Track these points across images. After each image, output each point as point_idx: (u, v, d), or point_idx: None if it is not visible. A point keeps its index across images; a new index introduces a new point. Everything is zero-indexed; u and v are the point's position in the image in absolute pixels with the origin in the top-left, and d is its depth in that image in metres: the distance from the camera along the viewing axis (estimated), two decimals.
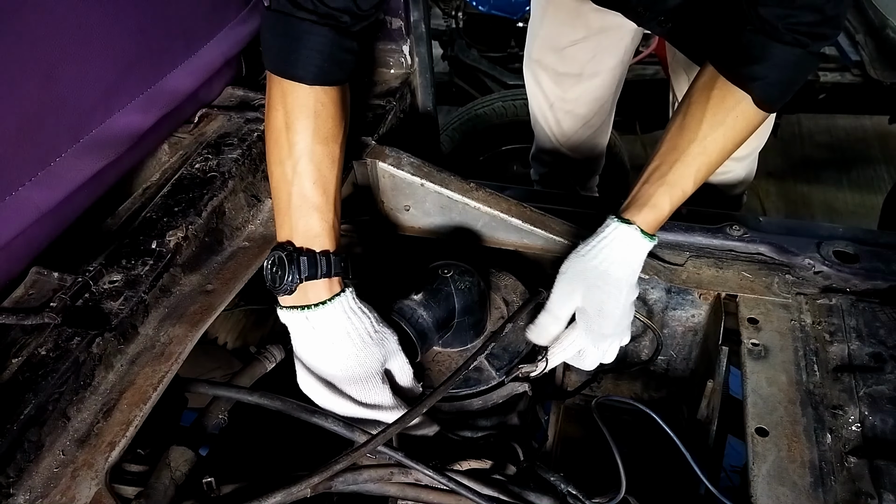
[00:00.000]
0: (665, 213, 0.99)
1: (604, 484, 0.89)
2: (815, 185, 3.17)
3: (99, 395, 0.85)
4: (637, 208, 0.98)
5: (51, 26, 0.91)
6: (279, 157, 0.93)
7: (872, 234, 1.22)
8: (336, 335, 0.91)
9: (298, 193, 0.91)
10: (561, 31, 1.65)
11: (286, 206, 0.92)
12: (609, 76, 1.73)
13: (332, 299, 0.91)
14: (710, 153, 0.99)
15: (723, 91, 0.98)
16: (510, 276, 1.17)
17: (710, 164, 1.00)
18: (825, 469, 0.86)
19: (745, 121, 0.99)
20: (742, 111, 0.98)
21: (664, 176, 0.98)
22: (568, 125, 1.84)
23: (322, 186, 0.92)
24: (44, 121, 0.93)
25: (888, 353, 0.97)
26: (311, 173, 0.91)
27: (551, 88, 1.77)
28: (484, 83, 3.05)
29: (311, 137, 0.92)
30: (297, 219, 0.92)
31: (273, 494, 0.82)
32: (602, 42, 1.63)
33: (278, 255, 0.90)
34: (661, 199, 0.98)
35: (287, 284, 0.89)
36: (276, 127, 0.93)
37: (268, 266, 0.92)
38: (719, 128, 0.98)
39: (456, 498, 0.90)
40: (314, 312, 0.90)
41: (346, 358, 0.91)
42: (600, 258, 0.97)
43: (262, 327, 1.50)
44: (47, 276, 0.95)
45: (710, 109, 0.98)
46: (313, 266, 0.89)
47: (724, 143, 0.99)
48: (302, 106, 0.92)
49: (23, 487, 0.75)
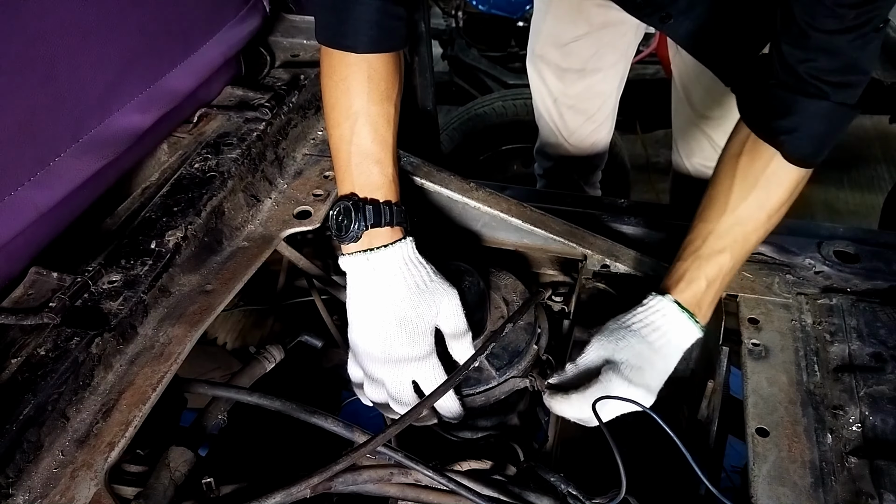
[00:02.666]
0: (702, 288, 0.95)
1: (604, 484, 0.89)
2: (816, 184, 3.16)
3: (98, 395, 0.85)
4: (673, 283, 0.96)
5: (51, 26, 0.91)
6: (337, 120, 0.97)
7: (873, 233, 1.22)
8: (393, 277, 0.94)
9: (357, 151, 0.96)
10: (563, 27, 1.66)
11: (346, 162, 0.97)
12: (611, 72, 1.74)
13: (393, 243, 0.95)
14: (745, 222, 0.95)
15: (751, 154, 0.94)
16: (510, 276, 1.17)
17: (748, 234, 0.95)
18: (826, 469, 0.85)
19: (778, 181, 0.94)
20: (773, 172, 0.93)
21: (697, 250, 0.96)
22: (571, 120, 1.85)
23: (381, 142, 0.96)
24: (43, 120, 0.93)
25: (889, 353, 0.97)
26: (369, 132, 0.96)
27: (554, 83, 1.79)
28: (484, 83, 3.05)
29: (366, 99, 0.96)
30: (357, 173, 0.96)
31: (273, 495, 0.82)
32: (604, 38, 1.64)
33: (344, 204, 0.95)
34: (694, 273, 0.95)
35: (353, 232, 0.94)
36: (332, 93, 0.98)
37: (333, 215, 0.96)
38: (751, 193, 0.94)
39: (456, 498, 0.90)
40: (375, 254, 0.94)
41: (401, 300, 0.94)
42: (636, 324, 0.95)
43: (262, 327, 1.49)
44: (46, 276, 0.95)
45: (738, 175, 0.95)
46: (378, 214, 0.94)
47: (758, 210, 0.94)
48: (356, 72, 0.96)
49: (22, 488, 0.75)
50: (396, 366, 0.94)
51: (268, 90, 1.32)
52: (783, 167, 0.93)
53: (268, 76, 1.41)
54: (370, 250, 0.94)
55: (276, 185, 1.22)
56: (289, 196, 1.20)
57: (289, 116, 1.29)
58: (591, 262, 1.17)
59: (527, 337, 1.07)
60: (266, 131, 1.22)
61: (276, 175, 1.23)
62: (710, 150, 1.72)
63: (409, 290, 0.95)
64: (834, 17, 0.81)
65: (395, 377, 0.95)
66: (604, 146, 1.99)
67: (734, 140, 0.99)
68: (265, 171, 1.21)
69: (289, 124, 1.29)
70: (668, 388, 1.29)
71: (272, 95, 1.29)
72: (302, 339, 1.20)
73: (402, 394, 0.95)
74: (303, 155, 1.30)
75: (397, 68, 1.00)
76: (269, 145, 1.23)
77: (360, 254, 0.95)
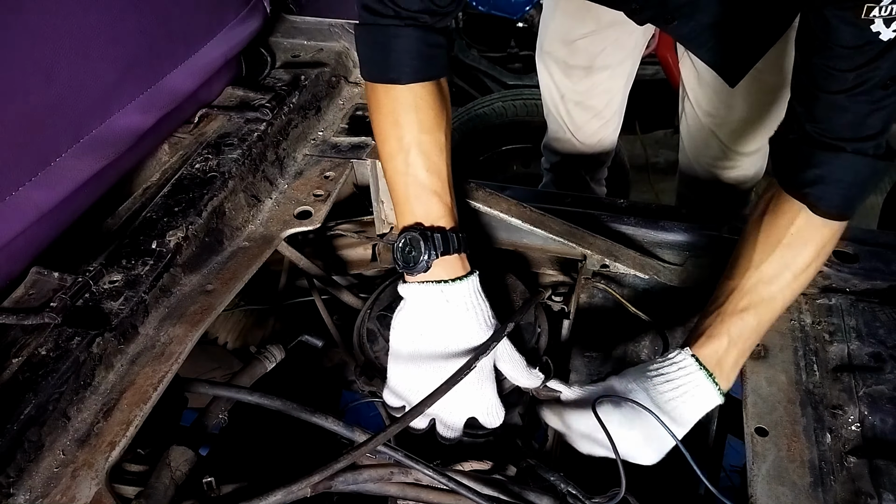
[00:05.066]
0: (724, 345, 0.91)
1: (604, 484, 0.89)
2: None
3: (99, 394, 0.86)
4: (693, 338, 0.94)
5: (51, 26, 0.91)
6: (390, 153, 0.97)
7: (872, 233, 1.22)
8: (466, 312, 0.93)
9: (414, 182, 0.95)
10: (571, 24, 1.67)
11: (404, 195, 0.97)
12: (619, 69, 1.75)
13: (467, 276, 0.94)
14: (771, 281, 0.92)
15: (775, 212, 0.93)
16: (510, 276, 1.17)
17: (774, 294, 0.92)
18: (825, 469, 0.86)
19: (804, 239, 0.91)
20: (799, 227, 0.91)
21: (720, 307, 0.93)
22: (578, 116, 1.86)
23: (436, 172, 0.96)
24: (44, 121, 0.93)
25: (888, 352, 0.97)
26: (423, 162, 0.95)
27: (562, 80, 1.80)
28: (484, 83, 3.05)
29: (416, 129, 0.96)
30: (417, 205, 0.96)
31: (273, 494, 0.82)
32: (611, 35, 1.65)
33: (410, 235, 0.93)
34: (716, 329, 0.92)
35: (423, 262, 0.92)
36: (382, 127, 0.98)
37: (399, 247, 0.94)
38: (775, 250, 0.92)
39: (456, 498, 0.90)
40: (451, 287, 0.93)
41: (467, 336, 0.94)
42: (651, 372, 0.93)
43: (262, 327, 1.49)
44: (47, 276, 0.95)
45: (763, 232, 0.93)
46: (446, 242, 0.93)
47: (783, 268, 0.92)
48: (403, 103, 0.96)
49: (23, 487, 0.75)
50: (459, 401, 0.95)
51: (268, 91, 1.32)
52: (810, 224, 0.91)
53: (268, 77, 1.42)
54: (444, 282, 0.92)
55: (277, 185, 1.22)
56: (289, 196, 1.21)
57: (289, 117, 1.29)
58: (591, 262, 1.17)
59: (527, 337, 1.07)
60: (267, 132, 1.23)
61: (276, 175, 1.23)
62: (718, 149, 1.72)
63: (479, 326, 0.94)
64: (835, 80, 0.83)
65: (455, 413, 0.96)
66: (611, 143, 1.99)
67: (762, 198, 0.97)
68: (266, 171, 1.21)
69: (289, 125, 1.29)
70: None
71: (273, 96, 1.29)
72: (302, 339, 1.20)
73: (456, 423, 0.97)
74: (303, 155, 1.30)
75: (443, 96, 1.00)
76: (270, 146, 1.23)
77: (433, 284, 0.92)
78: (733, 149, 1.70)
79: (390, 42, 0.95)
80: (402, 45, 0.95)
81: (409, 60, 0.95)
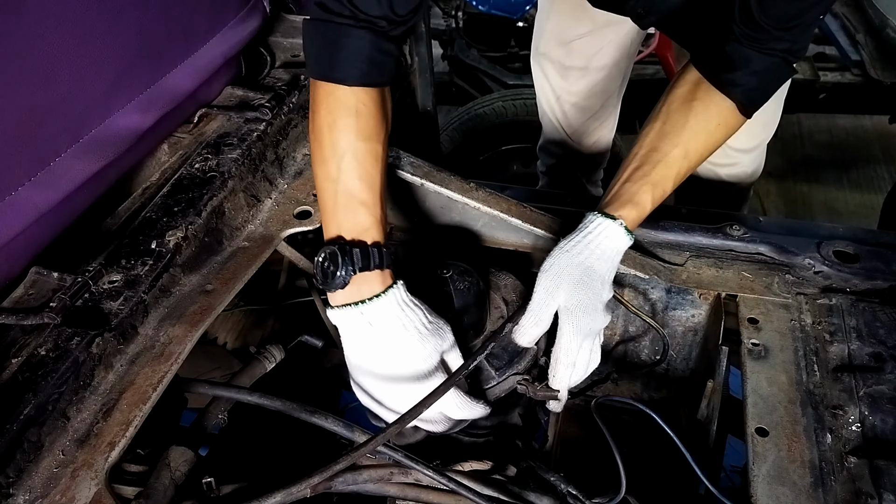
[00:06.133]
0: (646, 211, 1.01)
1: (604, 484, 0.89)
2: (816, 184, 3.16)
3: (99, 395, 0.85)
4: (620, 205, 1.00)
5: (51, 26, 0.91)
6: (323, 157, 0.94)
7: (872, 233, 1.22)
8: (394, 329, 0.90)
9: (344, 191, 0.92)
10: (567, 25, 1.67)
11: (332, 203, 0.93)
12: (615, 69, 1.75)
13: (385, 291, 0.90)
14: (691, 158, 1.03)
15: (706, 101, 1.03)
16: (510, 276, 1.17)
17: (689, 169, 1.05)
18: (825, 469, 0.86)
19: (725, 128, 1.05)
20: (724, 119, 1.03)
21: (647, 175, 1.01)
22: (574, 117, 1.86)
23: (367, 182, 0.93)
24: (43, 121, 0.93)
25: (888, 352, 0.97)
26: (356, 170, 0.92)
27: (557, 81, 1.80)
28: (484, 83, 3.04)
29: (353, 135, 0.93)
30: (344, 215, 0.92)
31: (273, 494, 0.82)
32: (608, 36, 1.65)
33: (330, 249, 0.90)
34: (643, 196, 1.00)
35: (341, 278, 0.89)
36: (318, 128, 0.95)
37: (319, 262, 0.91)
38: (701, 135, 1.03)
39: (456, 498, 0.90)
40: (369, 306, 0.89)
41: (407, 352, 0.91)
42: (585, 254, 0.96)
43: (262, 327, 1.49)
44: (47, 276, 0.95)
45: (692, 117, 1.03)
46: (366, 258, 0.89)
47: (704, 150, 1.04)
48: (343, 106, 0.93)
49: (22, 487, 0.75)
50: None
51: (268, 90, 1.32)
52: (732, 117, 1.04)
53: (268, 76, 1.41)
54: (362, 302, 0.89)
55: (277, 185, 1.22)
56: (289, 196, 1.20)
57: (289, 116, 1.29)
58: None
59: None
60: (266, 131, 1.23)
61: (276, 175, 1.23)
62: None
63: (412, 338, 0.91)
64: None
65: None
66: (606, 144, 1.99)
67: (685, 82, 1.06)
68: (265, 171, 1.21)
69: (289, 124, 1.29)
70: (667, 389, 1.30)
71: (272, 96, 1.29)
72: (302, 339, 1.20)
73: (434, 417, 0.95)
74: (303, 155, 1.30)
75: (385, 107, 0.99)
76: (270, 145, 1.23)
77: (352, 307, 0.89)
78: (732, 146, 1.70)
79: (341, 41, 0.93)
80: (352, 46, 0.93)
81: (358, 63, 0.93)
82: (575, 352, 0.95)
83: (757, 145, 1.70)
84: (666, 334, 1.16)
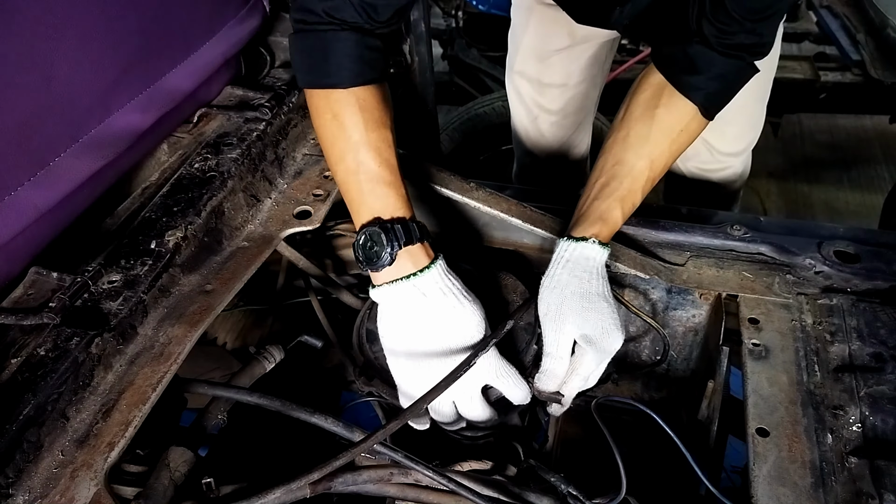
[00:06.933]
0: (618, 225, 1.03)
1: (604, 484, 0.89)
2: (816, 184, 3.16)
3: (98, 395, 0.85)
4: (590, 224, 1.00)
5: (50, 26, 0.91)
6: (339, 154, 0.96)
7: (873, 233, 1.22)
8: (447, 298, 0.92)
9: (367, 178, 0.94)
10: (545, 40, 1.61)
11: (358, 193, 0.95)
12: (590, 84, 1.71)
13: (433, 262, 0.92)
14: (656, 168, 1.04)
15: (668, 108, 1.03)
16: (510, 276, 1.17)
17: (656, 178, 1.06)
18: (826, 469, 0.85)
19: (688, 134, 1.06)
20: (686, 125, 1.04)
21: (615, 191, 1.02)
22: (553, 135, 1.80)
23: (387, 166, 0.95)
24: (42, 120, 0.93)
25: (889, 353, 0.97)
26: (374, 158, 0.94)
27: (535, 99, 1.73)
28: (484, 83, 3.04)
29: (363, 128, 0.95)
30: (373, 200, 0.94)
31: (272, 491, 0.82)
32: (587, 51, 1.61)
33: (370, 230, 0.91)
34: (613, 213, 1.01)
35: (387, 255, 0.90)
36: (328, 131, 0.97)
37: (359, 245, 0.92)
38: (665, 143, 1.04)
39: (456, 498, 0.90)
40: (421, 278, 0.90)
41: (462, 321, 0.92)
42: (574, 284, 0.96)
43: (262, 327, 1.49)
44: (46, 277, 0.95)
45: (655, 125, 1.03)
46: (408, 232, 0.91)
47: (669, 157, 1.05)
48: (346, 105, 0.95)
49: (22, 488, 0.75)
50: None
51: (268, 90, 1.32)
52: (694, 123, 1.04)
53: (268, 76, 1.41)
54: (413, 275, 0.90)
55: (276, 185, 1.22)
56: (289, 196, 1.20)
57: (289, 116, 1.29)
58: None
59: (527, 337, 1.07)
60: (266, 131, 1.22)
61: (276, 175, 1.23)
62: (707, 153, 1.71)
63: (462, 305, 0.93)
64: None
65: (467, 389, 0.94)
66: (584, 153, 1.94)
67: (647, 85, 1.06)
68: (265, 170, 1.21)
69: (289, 124, 1.29)
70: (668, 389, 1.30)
71: (272, 95, 1.29)
72: (301, 340, 1.20)
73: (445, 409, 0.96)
74: (303, 155, 1.30)
75: (385, 95, 1.00)
76: (269, 145, 1.23)
77: (402, 281, 0.90)
78: (722, 151, 1.69)
79: (328, 46, 0.94)
80: (340, 49, 0.94)
81: (349, 64, 0.94)
82: (595, 373, 0.97)
83: (745, 147, 1.70)
84: (666, 334, 1.16)
